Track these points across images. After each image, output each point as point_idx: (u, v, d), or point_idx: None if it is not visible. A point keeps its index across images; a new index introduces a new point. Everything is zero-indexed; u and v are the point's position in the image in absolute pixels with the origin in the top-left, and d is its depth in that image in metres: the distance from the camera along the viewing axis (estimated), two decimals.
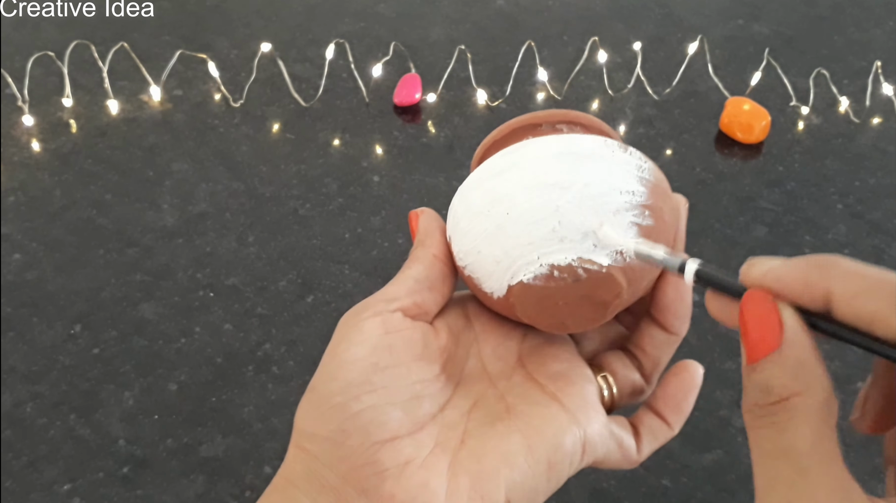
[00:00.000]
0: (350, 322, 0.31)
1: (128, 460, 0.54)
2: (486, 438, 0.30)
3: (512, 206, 0.30)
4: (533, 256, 0.30)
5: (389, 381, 0.30)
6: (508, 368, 0.34)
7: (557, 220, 0.30)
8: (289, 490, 0.30)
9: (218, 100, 0.80)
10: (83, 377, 0.58)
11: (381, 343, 0.30)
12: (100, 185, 0.72)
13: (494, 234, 0.31)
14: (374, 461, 0.29)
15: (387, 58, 0.83)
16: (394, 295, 0.32)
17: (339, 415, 0.29)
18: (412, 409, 0.30)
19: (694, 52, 0.84)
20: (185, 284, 0.64)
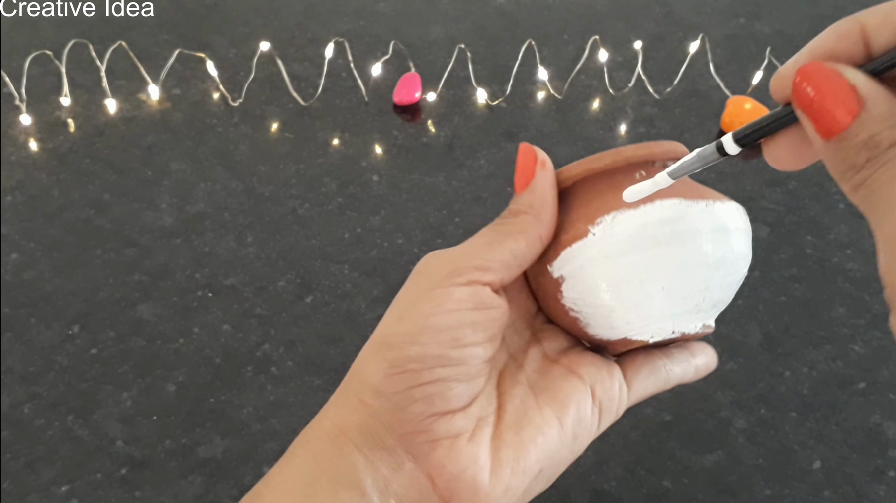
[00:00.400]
0: (440, 280, 0.30)
1: (126, 461, 0.54)
2: (521, 412, 0.31)
3: (669, 283, 0.30)
4: (668, 325, 0.31)
5: (464, 358, 0.30)
6: (524, 342, 0.35)
7: (703, 297, 0.31)
8: (340, 439, 0.30)
9: (216, 99, 0.80)
10: (81, 378, 0.58)
11: (467, 318, 0.30)
12: (98, 184, 0.72)
13: (638, 303, 0.31)
14: (430, 430, 0.30)
15: (386, 57, 0.83)
16: (488, 264, 0.31)
17: (410, 380, 0.29)
18: (473, 386, 0.31)
19: (695, 50, 0.84)
20: (184, 284, 0.64)
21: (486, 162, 0.75)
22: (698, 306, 0.31)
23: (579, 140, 0.78)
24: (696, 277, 0.30)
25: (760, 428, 0.56)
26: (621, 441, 0.55)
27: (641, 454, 0.55)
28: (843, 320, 0.63)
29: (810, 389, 0.59)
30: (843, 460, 0.55)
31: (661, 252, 0.30)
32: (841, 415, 0.57)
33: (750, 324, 0.63)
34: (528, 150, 0.33)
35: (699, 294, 0.30)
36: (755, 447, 0.55)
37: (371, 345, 0.31)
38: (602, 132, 0.79)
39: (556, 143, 0.78)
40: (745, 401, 0.58)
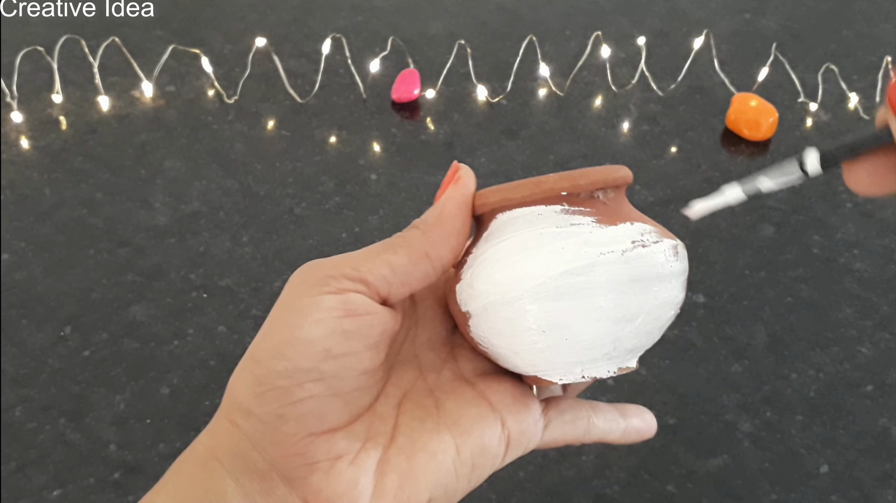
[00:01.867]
0: (308, 289, 0.29)
1: (119, 465, 0.54)
2: (416, 436, 0.30)
3: (573, 336, 0.29)
4: (577, 370, 0.30)
5: (338, 371, 0.28)
6: (439, 361, 0.33)
7: (613, 347, 0.30)
8: (211, 463, 0.29)
9: (211, 96, 0.80)
10: (73, 380, 0.58)
11: (337, 327, 0.28)
12: (90, 183, 0.72)
13: (542, 351, 0.30)
14: (306, 452, 0.28)
15: (385, 53, 0.83)
16: (361, 274, 0.29)
17: (280, 399, 0.28)
18: (353, 401, 0.29)
19: (699, 46, 0.84)
20: (178, 285, 0.64)
21: (486, 160, 0.75)
22: (609, 355, 0.30)
23: (581, 138, 0.78)
24: (604, 330, 0.29)
25: (766, 431, 0.57)
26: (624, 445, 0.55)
27: (645, 458, 0.55)
28: (850, 321, 0.63)
29: (817, 392, 0.59)
30: (851, 464, 0.55)
31: (564, 305, 0.29)
32: (848, 419, 0.57)
33: (755, 325, 0.63)
34: (453, 167, 0.31)
35: (609, 344, 0.29)
36: (761, 451, 0.55)
37: (242, 362, 0.30)
38: (604, 130, 0.79)
39: (557, 140, 0.78)
40: (750, 403, 0.58)
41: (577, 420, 0.33)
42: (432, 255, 0.30)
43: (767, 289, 0.65)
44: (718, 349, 0.61)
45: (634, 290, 0.29)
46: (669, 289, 0.30)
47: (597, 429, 0.34)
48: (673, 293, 0.30)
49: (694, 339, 0.62)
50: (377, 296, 0.29)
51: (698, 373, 0.60)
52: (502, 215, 0.31)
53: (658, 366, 0.60)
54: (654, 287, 0.29)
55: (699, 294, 0.65)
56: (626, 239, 0.29)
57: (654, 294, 0.29)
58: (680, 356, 0.61)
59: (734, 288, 0.65)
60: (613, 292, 0.29)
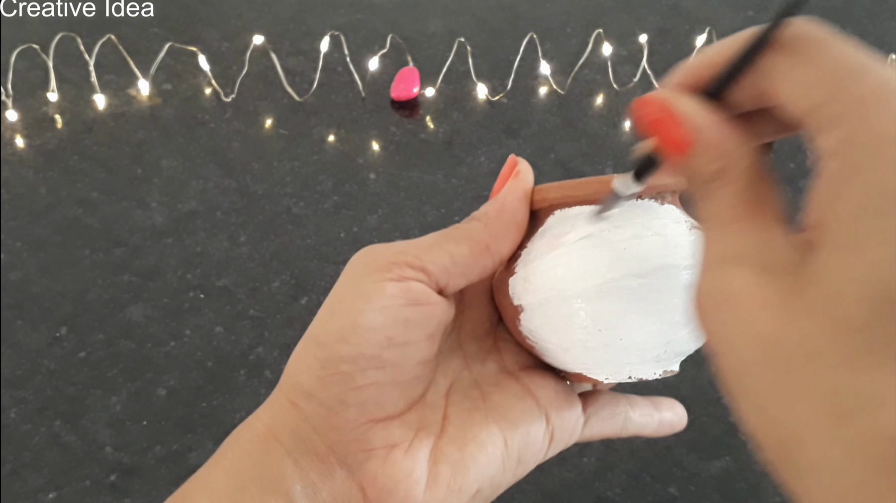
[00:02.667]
0: (371, 274, 0.29)
1: (115, 468, 0.54)
2: (467, 427, 0.31)
3: (628, 337, 0.29)
4: (624, 371, 0.30)
5: (398, 359, 0.29)
6: (483, 352, 0.34)
7: (664, 350, 0.30)
8: (271, 442, 0.29)
9: (208, 94, 0.80)
10: (69, 382, 0.58)
11: (400, 315, 0.29)
12: (86, 182, 0.72)
13: (594, 350, 0.30)
14: (364, 438, 0.29)
15: (384, 51, 0.83)
16: (423, 263, 0.29)
17: (342, 383, 0.29)
18: (409, 390, 0.30)
19: (702, 44, 0.84)
20: (175, 285, 0.64)
21: (486, 159, 0.75)
22: (659, 357, 0.30)
23: (582, 136, 0.78)
24: (659, 333, 0.29)
25: None
26: (626, 447, 0.55)
27: (647, 460, 0.55)
28: None
29: None
30: None
31: (623, 306, 0.29)
32: None
33: None
34: (511, 161, 0.32)
35: (661, 347, 0.30)
36: None
37: (304, 343, 0.30)
38: (606, 128, 0.79)
39: (558, 139, 0.78)
40: None
41: (615, 415, 0.34)
42: (493, 249, 0.30)
43: None
44: None
45: (690, 297, 0.29)
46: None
47: (633, 424, 0.35)
48: None
49: None
50: (436, 285, 0.30)
51: (701, 374, 0.60)
52: (560, 211, 0.31)
53: None
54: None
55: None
56: (687, 243, 0.29)
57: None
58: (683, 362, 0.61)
59: None
60: (675, 297, 0.29)
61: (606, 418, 0.34)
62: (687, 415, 0.36)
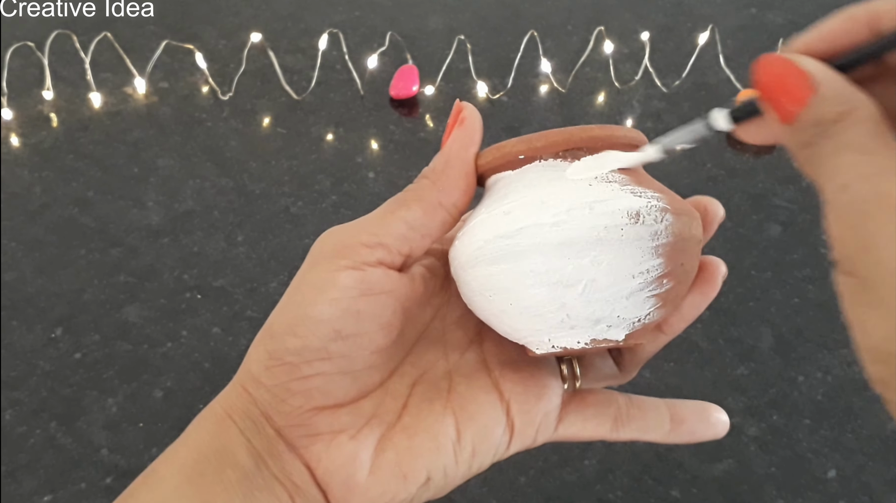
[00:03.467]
0: (326, 262, 0.30)
1: (111, 470, 0.54)
2: (423, 416, 0.31)
3: (515, 301, 0.29)
4: (544, 338, 0.30)
5: (347, 351, 0.30)
6: (466, 341, 0.34)
7: (566, 314, 0.29)
8: (226, 421, 0.31)
9: (205, 92, 0.80)
10: (64, 383, 0.58)
11: (351, 307, 0.29)
12: (82, 181, 0.72)
13: (498, 317, 0.30)
14: (309, 424, 0.30)
15: (382, 48, 0.83)
16: (379, 238, 0.30)
17: (288, 373, 0.30)
18: (362, 378, 0.31)
19: (705, 42, 0.84)
20: (172, 286, 0.64)
21: None
22: (567, 323, 0.29)
23: None
24: (542, 295, 0.29)
25: (773, 435, 0.57)
26: (628, 449, 0.55)
27: (648, 462, 0.55)
28: None
29: (825, 395, 0.59)
30: (860, 469, 0.55)
31: (496, 268, 0.29)
32: (857, 422, 0.57)
33: (762, 327, 0.63)
34: (456, 108, 0.32)
35: (558, 311, 0.29)
36: (767, 455, 0.56)
37: (260, 333, 0.31)
38: None
39: None
40: (756, 407, 0.58)
41: (600, 415, 0.33)
42: (446, 203, 0.31)
43: (774, 289, 0.65)
44: (724, 351, 0.61)
45: (566, 254, 0.28)
46: (615, 256, 0.28)
47: (630, 428, 0.34)
48: (623, 262, 0.28)
49: (698, 341, 0.62)
50: (398, 255, 0.30)
51: (703, 375, 0.60)
52: (497, 175, 0.31)
53: (662, 368, 0.60)
54: (593, 251, 0.28)
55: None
56: (578, 200, 0.28)
57: (594, 259, 0.28)
58: (684, 358, 0.61)
59: (740, 289, 0.65)
60: (540, 255, 0.28)
61: (590, 418, 0.33)
62: (727, 421, 0.35)
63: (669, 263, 0.29)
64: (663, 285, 0.29)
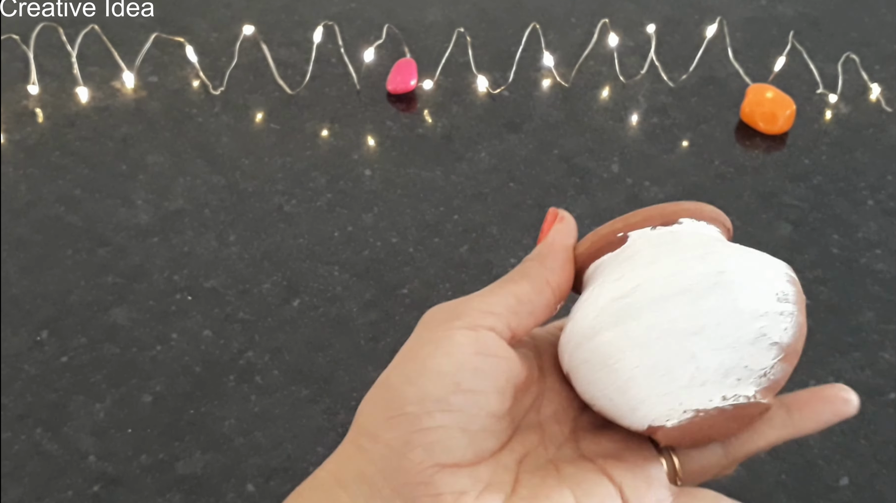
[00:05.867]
0: (440, 325, 0.31)
1: (99, 477, 0.54)
2: (538, 489, 0.31)
3: (642, 362, 0.30)
4: (675, 404, 0.30)
5: (466, 406, 0.30)
6: (562, 436, 0.34)
7: (695, 367, 0.30)
8: (335, 491, 0.30)
9: (196, 87, 0.80)
10: (50, 388, 0.58)
11: (469, 363, 0.30)
12: (68, 179, 0.72)
13: (625, 389, 0.30)
14: (432, 482, 0.30)
15: (379, 41, 0.83)
16: (491, 308, 0.32)
17: (408, 425, 0.30)
18: (479, 441, 0.31)
19: (713, 35, 0.84)
20: (161, 287, 0.64)
21: (486, 155, 0.76)
22: (697, 378, 0.30)
23: (587, 131, 0.78)
24: (669, 347, 0.29)
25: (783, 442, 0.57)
26: None
27: None
28: (871, 325, 0.63)
29: None
30: (873, 476, 0.55)
31: (618, 331, 0.30)
32: (870, 428, 0.57)
33: None
34: (552, 212, 0.35)
35: (688, 363, 0.30)
36: (777, 462, 0.56)
37: (372, 389, 0.31)
38: (612, 122, 0.79)
39: (562, 134, 0.78)
40: None
41: (707, 459, 0.35)
42: (552, 282, 0.33)
43: None
44: None
45: (687, 300, 0.29)
46: (737, 295, 0.30)
47: (745, 449, 0.36)
48: (745, 301, 0.30)
49: None
50: (507, 328, 0.32)
51: None
52: (597, 262, 0.33)
53: None
54: (713, 295, 0.29)
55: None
56: (689, 253, 0.30)
57: (715, 302, 0.29)
58: None
59: None
60: (662, 305, 0.29)
61: (699, 474, 0.35)
62: (855, 399, 0.35)
63: (788, 314, 0.31)
64: (784, 333, 0.31)
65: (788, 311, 0.31)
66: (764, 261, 0.31)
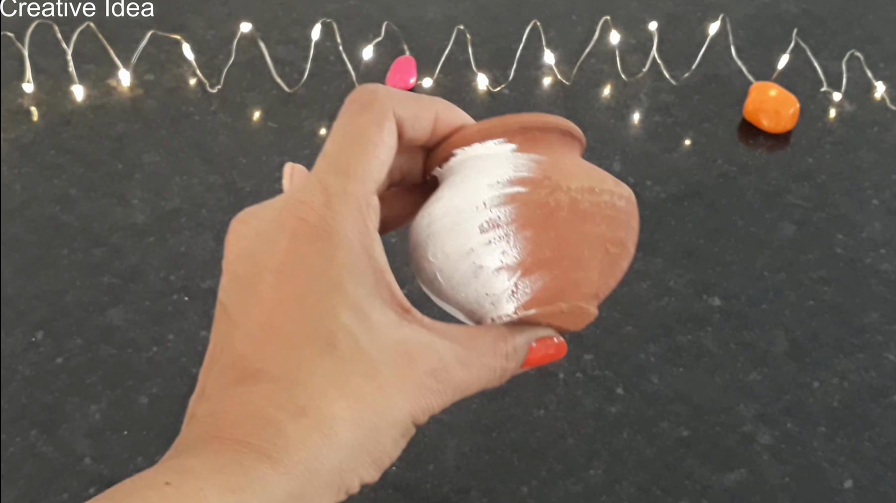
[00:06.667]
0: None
1: (95, 480, 0.54)
2: None
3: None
4: (485, 318, 0.34)
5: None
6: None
7: (455, 301, 0.34)
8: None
9: (193, 85, 0.80)
10: (45, 389, 0.58)
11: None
12: (63, 178, 0.72)
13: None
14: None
15: (378, 39, 0.83)
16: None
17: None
18: None
19: (715, 32, 0.84)
20: (158, 287, 0.64)
21: None
22: (466, 306, 0.35)
23: (589, 129, 0.78)
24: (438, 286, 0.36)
25: (786, 443, 0.57)
26: (634, 458, 0.55)
27: (657, 472, 0.55)
28: (876, 326, 0.63)
29: (841, 402, 0.59)
30: (878, 479, 0.55)
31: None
32: (874, 430, 0.57)
33: (775, 330, 0.63)
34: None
35: (451, 298, 0.36)
36: (781, 465, 0.56)
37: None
38: (613, 121, 0.79)
39: None
40: (769, 414, 0.58)
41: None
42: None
43: (788, 291, 0.65)
44: (735, 356, 0.61)
45: (420, 249, 0.35)
46: (443, 242, 0.33)
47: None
48: (449, 245, 0.33)
49: (709, 346, 0.62)
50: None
51: (714, 381, 0.60)
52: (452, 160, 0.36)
53: (671, 373, 0.60)
54: (429, 245, 0.34)
55: (714, 297, 0.65)
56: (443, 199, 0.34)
57: (432, 250, 0.34)
58: (694, 363, 0.61)
59: (752, 291, 0.65)
60: (427, 244, 0.35)
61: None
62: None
63: (500, 237, 0.32)
64: (504, 256, 0.32)
65: (499, 236, 0.32)
66: (474, 193, 0.32)
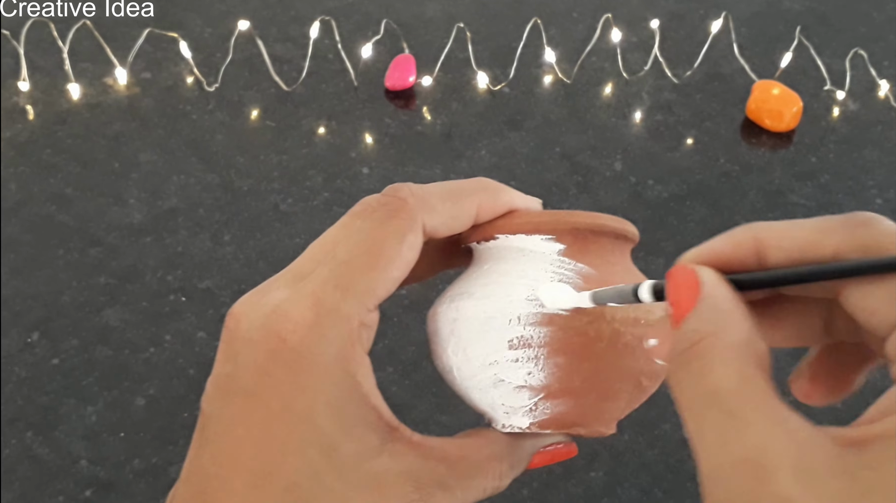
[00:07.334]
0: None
1: (91, 482, 0.54)
2: None
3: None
4: (497, 423, 0.31)
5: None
6: None
7: (469, 399, 0.32)
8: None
9: (190, 83, 0.80)
10: (41, 390, 0.58)
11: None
12: (59, 177, 0.72)
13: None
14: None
15: (377, 37, 0.83)
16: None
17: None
18: None
19: (718, 30, 0.84)
20: (154, 288, 0.64)
21: (487, 153, 0.76)
22: (480, 406, 0.32)
23: (589, 129, 0.78)
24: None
25: None
26: (637, 460, 0.55)
27: (659, 474, 0.55)
28: None
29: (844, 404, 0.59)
30: None
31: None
32: None
33: None
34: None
35: (465, 395, 0.32)
36: None
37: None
38: (615, 120, 0.79)
39: (563, 131, 0.78)
40: None
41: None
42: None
43: None
44: None
45: (442, 342, 0.32)
46: (466, 344, 0.31)
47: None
48: (473, 350, 0.31)
49: None
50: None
51: None
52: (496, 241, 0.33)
53: None
54: (452, 339, 0.32)
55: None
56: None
57: (453, 348, 0.31)
58: None
59: None
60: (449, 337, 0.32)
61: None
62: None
63: (529, 358, 0.30)
64: (529, 377, 0.30)
65: (528, 356, 0.30)
66: (509, 304, 0.30)
